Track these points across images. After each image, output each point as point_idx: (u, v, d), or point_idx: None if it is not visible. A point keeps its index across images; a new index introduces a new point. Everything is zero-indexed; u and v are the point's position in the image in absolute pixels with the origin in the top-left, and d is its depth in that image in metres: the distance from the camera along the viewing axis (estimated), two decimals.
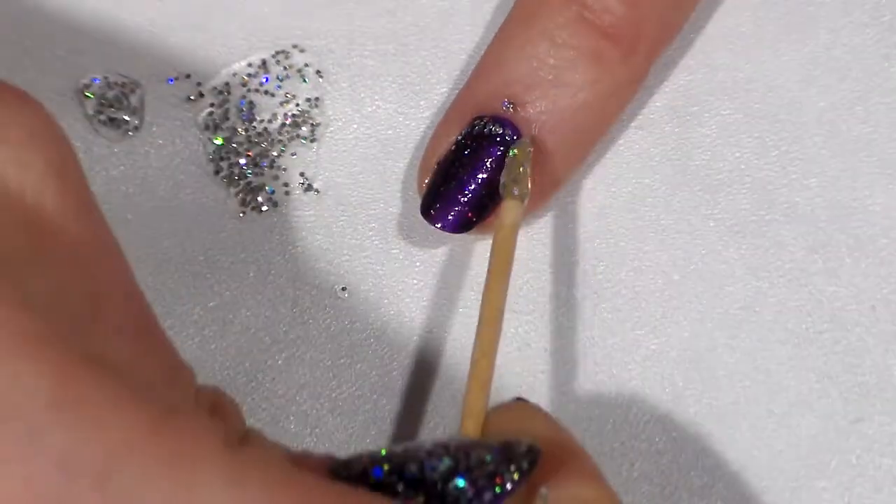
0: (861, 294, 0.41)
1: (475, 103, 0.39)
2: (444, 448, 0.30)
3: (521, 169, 0.38)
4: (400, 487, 0.30)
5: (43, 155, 0.29)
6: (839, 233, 0.42)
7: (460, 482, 0.30)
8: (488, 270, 0.36)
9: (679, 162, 0.42)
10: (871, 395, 0.40)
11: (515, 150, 0.38)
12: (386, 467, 0.30)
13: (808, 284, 0.41)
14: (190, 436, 0.26)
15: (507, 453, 0.31)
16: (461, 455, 0.30)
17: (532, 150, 0.38)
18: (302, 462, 0.32)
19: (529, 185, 0.38)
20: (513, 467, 0.30)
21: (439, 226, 0.39)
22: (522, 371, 0.41)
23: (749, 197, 0.42)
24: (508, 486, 0.30)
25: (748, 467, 0.40)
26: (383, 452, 0.30)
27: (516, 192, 0.37)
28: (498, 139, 0.38)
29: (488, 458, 0.30)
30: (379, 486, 0.30)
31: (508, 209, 0.37)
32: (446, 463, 0.30)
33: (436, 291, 0.41)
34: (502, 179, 0.38)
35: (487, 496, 0.30)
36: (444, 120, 0.40)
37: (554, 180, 0.39)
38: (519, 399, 0.34)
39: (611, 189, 0.42)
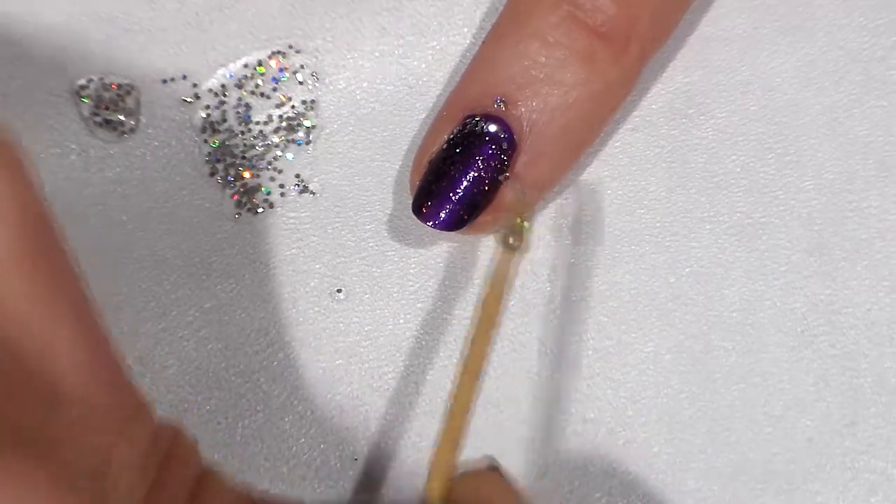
0: (857, 297, 0.41)
1: (467, 102, 0.39)
2: None
3: (522, 223, 0.37)
4: None
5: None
6: (835, 235, 0.41)
7: None
8: (474, 323, 0.35)
9: (676, 164, 0.42)
10: (866, 399, 0.40)
11: (516, 203, 0.38)
12: None
13: (804, 287, 0.41)
14: None
15: None
16: None
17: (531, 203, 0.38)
18: None
19: (526, 241, 0.37)
20: None
21: (430, 224, 0.39)
22: (517, 373, 0.41)
23: (746, 199, 0.42)
24: None
25: (744, 469, 0.40)
26: None
27: (512, 243, 0.37)
28: (489, 137, 0.38)
29: None
30: None
31: (502, 261, 0.36)
32: None
33: (432, 293, 0.41)
34: (500, 230, 0.37)
35: None
36: (436, 119, 0.40)
37: (546, 180, 0.39)
38: (491, 466, 0.34)
39: (607, 191, 0.42)
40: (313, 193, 0.42)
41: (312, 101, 0.43)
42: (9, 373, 0.28)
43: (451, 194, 0.38)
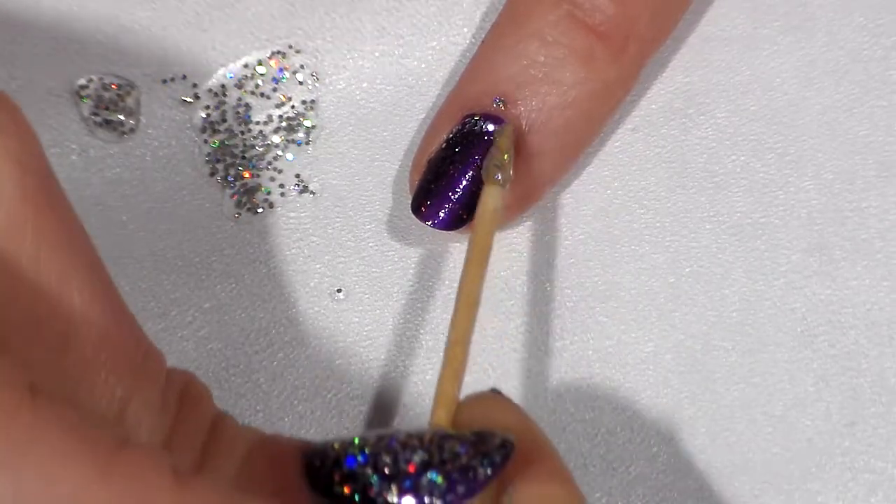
0: (857, 297, 0.41)
1: (466, 101, 0.39)
2: (418, 440, 0.30)
3: (504, 156, 0.37)
4: (373, 479, 0.30)
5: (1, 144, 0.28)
6: (835, 235, 0.41)
7: (433, 475, 0.30)
8: (466, 256, 0.35)
9: (676, 164, 0.42)
10: (866, 398, 0.40)
11: (498, 137, 0.38)
12: (359, 458, 0.30)
13: (804, 287, 0.41)
14: (138, 476, 0.26)
15: (481, 446, 0.31)
16: (434, 448, 0.30)
17: (514, 136, 0.38)
18: (275, 446, 0.32)
19: (512, 172, 0.37)
20: (486, 461, 0.30)
21: (430, 223, 0.39)
22: (517, 372, 0.41)
23: (746, 199, 0.42)
24: (481, 478, 0.30)
25: (743, 470, 0.40)
26: (356, 441, 0.30)
27: (498, 178, 0.37)
28: (488, 137, 0.38)
29: (461, 450, 0.30)
30: (351, 476, 0.30)
31: (489, 195, 0.37)
32: (420, 455, 0.30)
33: (432, 293, 0.41)
34: (484, 164, 0.38)
35: (460, 489, 0.30)
36: (436, 118, 0.40)
37: (545, 179, 0.39)
38: (493, 390, 0.34)
39: (607, 191, 0.42)
40: (313, 193, 0.42)
41: (312, 101, 0.43)
42: (23, 313, 0.28)
43: (450, 193, 0.38)
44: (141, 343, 0.31)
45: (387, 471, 0.30)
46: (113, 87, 0.42)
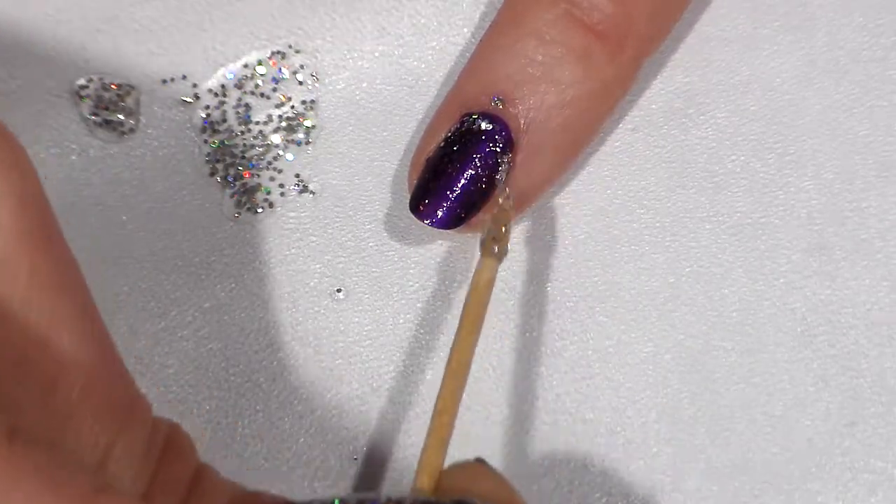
0: (857, 297, 0.41)
1: (465, 100, 0.39)
2: None
3: (502, 228, 0.37)
4: None
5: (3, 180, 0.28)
6: (835, 235, 0.41)
7: None
8: (459, 325, 0.36)
9: (676, 164, 0.42)
10: (866, 398, 0.40)
11: (497, 211, 0.38)
12: None
13: (804, 287, 0.41)
14: None
15: None
16: None
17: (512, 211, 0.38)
18: (255, 501, 0.32)
19: (508, 247, 0.38)
20: None
21: (428, 222, 0.39)
22: (517, 372, 0.41)
23: (746, 199, 0.42)
24: None
25: (743, 470, 0.40)
26: (336, 502, 0.31)
27: (496, 251, 0.37)
28: (486, 136, 0.38)
29: None
30: None
31: (485, 267, 0.37)
32: None
33: (431, 293, 0.41)
34: (482, 236, 0.38)
35: None
36: (434, 117, 0.40)
37: (543, 179, 0.39)
38: (478, 459, 0.34)
39: (607, 191, 0.42)
40: (313, 193, 0.42)
41: (312, 101, 0.43)
42: (11, 353, 0.28)
43: (448, 192, 0.38)
44: (129, 390, 0.31)
45: None
46: (113, 87, 0.42)
